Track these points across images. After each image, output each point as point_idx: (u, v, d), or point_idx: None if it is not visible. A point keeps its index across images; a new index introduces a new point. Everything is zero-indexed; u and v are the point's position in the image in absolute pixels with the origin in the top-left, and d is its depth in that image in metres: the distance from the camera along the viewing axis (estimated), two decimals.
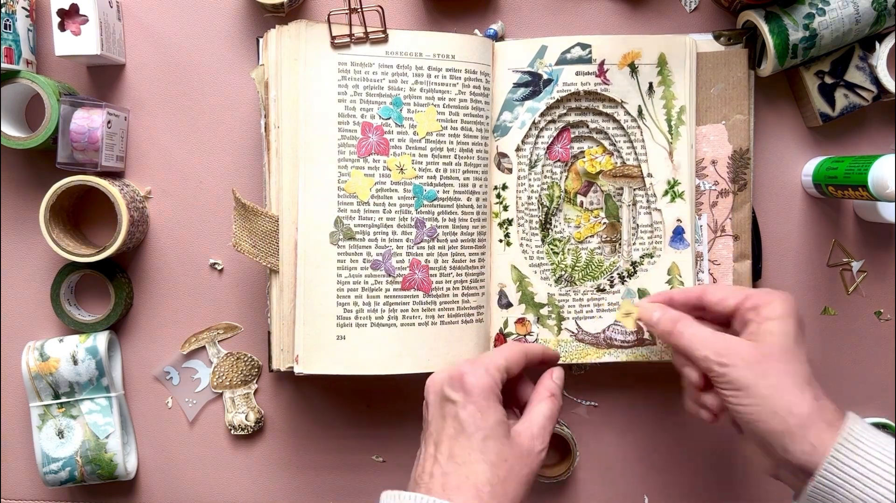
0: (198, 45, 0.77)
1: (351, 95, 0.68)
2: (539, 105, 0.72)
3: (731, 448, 0.78)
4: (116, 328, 0.78)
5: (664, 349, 0.73)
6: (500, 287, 0.73)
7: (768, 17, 0.70)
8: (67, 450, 0.75)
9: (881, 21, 0.70)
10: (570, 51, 0.71)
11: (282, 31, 0.68)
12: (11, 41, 0.71)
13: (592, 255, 0.75)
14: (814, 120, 0.74)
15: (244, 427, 0.77)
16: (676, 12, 0.76)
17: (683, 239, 0.74)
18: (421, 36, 0.69)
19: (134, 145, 0.77)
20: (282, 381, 0.78)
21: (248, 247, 0.69)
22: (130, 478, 0.77)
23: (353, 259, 0.68)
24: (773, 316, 0.60)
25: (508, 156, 0.73)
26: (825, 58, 0.73)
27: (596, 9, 0.76)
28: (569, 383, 0.78)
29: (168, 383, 0.78)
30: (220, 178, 0.77)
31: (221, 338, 0.78)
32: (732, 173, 0.74)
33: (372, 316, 0.69)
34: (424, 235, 0.70)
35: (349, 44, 0.68)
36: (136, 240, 0.76)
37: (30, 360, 0.74)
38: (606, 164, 0.74)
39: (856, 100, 0.73)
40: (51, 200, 0.72)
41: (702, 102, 0.73)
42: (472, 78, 0.70)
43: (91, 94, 0.77)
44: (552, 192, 0.74)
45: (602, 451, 0.78)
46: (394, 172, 0.69)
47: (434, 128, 0.69)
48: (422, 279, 0.69)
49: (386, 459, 0.79)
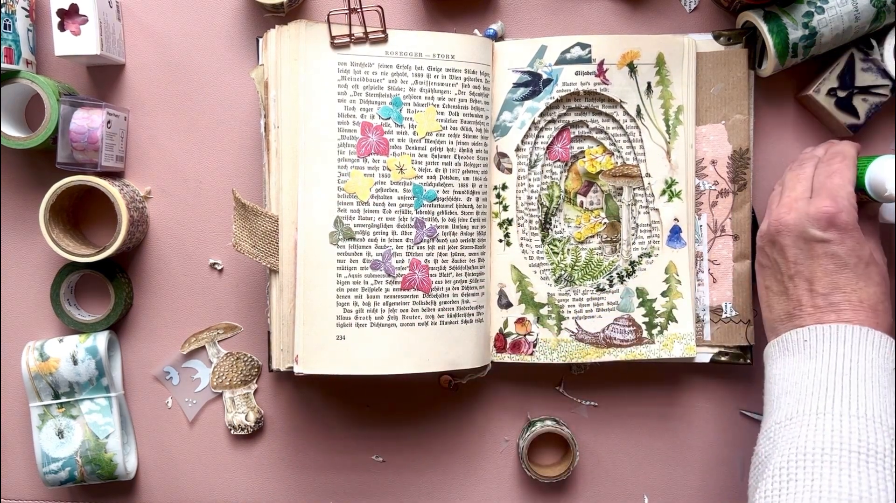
0: (198, 45, 0.77)
1: (351, 95, 0.68)
2: (539, 105, 0.72)
3: (730, 448, 0.78)
4: (116, 328, 0.78)
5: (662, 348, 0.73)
6: (499, 287, 0.73)
7: (767, 17, 0.70)
8: (67, 450, 0.75)
9: (881, 18, 0.70)
10: (569, 51, 0.71)
11: (281, 31, 0.68)
12: (11, 41, 0.71)
13: (592, 255, 0.75)
14: (843, 132, 0.75)
15: (244, 427, 0.77)
16: (676, 12, 0.76)
17: (680, 238, 0.74)
18: (421, 36, 0.69)
19: (134, 145, 0.77)
20: (282, 381, 0.78)
21: (248, 247, 0.69)
22: (130, 478, 0.77)
23: (353, 259, 0.68)
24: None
25: (508, 156, 0.73)
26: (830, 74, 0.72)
27: (595, 9, 0.76)
28: (569, 383, 0.78)
29: (168, 383, 0.78)
30: (220, 178, 0.77)
31: (221, 338, 0.78)
32: (732, 173, 0.74)
33: (372, 316, 0.69)
34: (424, 235, 0.70)
35: (349, 44, 0.68)
36: (136, 240, 0.76)
37: (30, 360, 0.74)
38: (607, 164, 0.74)
39: (875, 99, 0.73)
40: (51, 200, 0.72)
41: (701, 102, 0.74)
42: (471, 78, 0.70)
43: (91, 94, 0.77)
44: (552, 191, 0.74)
45: (602, 451, 0.78)
46: (393, 172, 0.69)
47: (434, 128, 0.69)
48: (422, 279, 0.69)
49: (386, 459, 0.79)
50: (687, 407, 0.78)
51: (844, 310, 0.61)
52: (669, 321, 0.73)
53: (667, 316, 0.73)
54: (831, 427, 0.56)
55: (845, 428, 0.55)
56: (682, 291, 0.73)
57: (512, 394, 0.78)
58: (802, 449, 0.56)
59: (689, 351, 0.73)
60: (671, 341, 0.73)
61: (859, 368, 0.58)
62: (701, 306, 0.75)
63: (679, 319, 0.73)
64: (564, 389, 0.78)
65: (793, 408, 0.59)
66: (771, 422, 0.60)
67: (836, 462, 0.54)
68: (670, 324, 0.73)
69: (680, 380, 0.78)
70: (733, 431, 0.77)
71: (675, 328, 0.73)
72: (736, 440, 0.78)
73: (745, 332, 0.74)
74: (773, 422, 0.60)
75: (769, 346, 0.65)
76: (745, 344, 0.74)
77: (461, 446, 0.79)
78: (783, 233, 0.64)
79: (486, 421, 0.78)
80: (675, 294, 0.73)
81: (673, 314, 0.73)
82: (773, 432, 0.59)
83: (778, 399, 0.61)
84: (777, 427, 0.59)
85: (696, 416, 0.78)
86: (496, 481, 0.79)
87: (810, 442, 0.56)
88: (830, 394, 0.58)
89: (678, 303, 0.73)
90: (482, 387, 0.78)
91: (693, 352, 0.73)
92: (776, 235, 0.64)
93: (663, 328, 0.73)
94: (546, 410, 0.78)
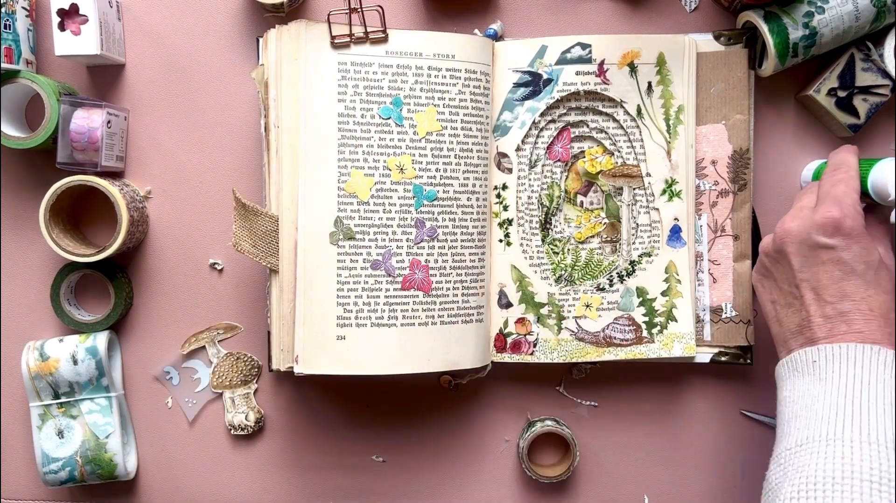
0: (198, 45, 0.77)
1: (351, 95, 0.68)
2: (539, 105, 0.72)
3: (731, 448, 0.78)
4: (116, 328, 0.78)
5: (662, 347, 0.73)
6: (499, 287, 0.73)
7: (767, 17, 0.70)
8: (67, 450, 0.75)
9: (881, 18, 0.70)
10: (570, 50, 0.71)
11: (282, 31, 0.68)
12: (11, 41, 0.71)
13: (592, 255, 0.75)
14: (843, 132, 0.74)
15: (244, 427, 0.77)
16: (676, 12, 0.76)
17: (680, 237, 0.74)
18: (421, 36, 0.69)
19: (134, 145, 0.77)
20: (282, 381, 0.78)
21: (249, 247, 0.69)
22: (130, 478, 0.77)
23: (354, 259, 0.68)
24: None
25: (508, 155, 0.73)
26: (830, 74, 0.72)
27: (595, 9, 0.76)
28: (569, 383, 0.78)
29: (168, 383, 0.78)
30: (220, 178, 0.77)
31: (221, 338, 0.78)
32: (732, 173, 0.74)
33: (372, 316, 0.69)
34: (424, 235, 0.70)
35: (349, 44, 0.68)
36: (136, 240, 0.76)
37: (30, 360, 0.74)
38: (607, 164, 0.74)
39: (876, 99, 0.73)
40: (51, 200, 0.72)
41: (702, 102, 0.74)
42: (472, 78, 0.70)
43: (91, 94, 0.77)
44: (552, 191, 0.74)
45: (602, 451, 0.78)
46: (394, 172, 0.69)
47: (434, 128, 0.69)
48: (422, 279, 0.69)
49: (386, 459, 0.79)
50: (687, 407, 0.78)
51: (855, 320, 0.59)
52: (669, 320, 0.74)
53: (667, 315, 0.74)
54: (842, 454, 0.54)
55: (856, 455, 0.54)
56: (681, 291, 0.73)
57: (512, 394, 0.78)
58: (813, 478, 0.54)
59: (688, 350, 0.73)
60: (671, 341, 0.73)
61: (870, 390, 0.57)
62: (701, 306, 0.75)
63: (679, 319, 0.73)
64: (564, 389, 0.78)
65: (803, 433, 0.57)
66: (781, 449, 0.59)
67: (848, 491, 0.53)
68: (670, 323, 0.73)
69: (680, 380, 0.78)
70: (733, 431, 0.77)
71: (675, 327, 0.73)
72: (736, 440, 0.78)
73: (745, 332, 0.74)
74: (783, 449, 0.58)
75: (779, 366, 0.63)
76: (745, 344, 0.74)
77: (461, 446, 0.79)
78: (787, 241, 0.62)
79: (486, 421, 0.78)
80: (675, 293, 0.73)
81: (673, 313, 0.73)
82: (784, 459, 0.58)
83: (788, 423, 0.59)
84: (787, 453, 0.58)
85: (696, 416, 0.78)
86: (496, 481, 0.79)
87: (820, 470, 0.54)
88: (840, 418, 0.56)
89: (678, 303, 0.73)
90: (482, 387, 0.78)
91: (693, 351, 0.73)
92: (781, 244, 0.63)
93: (663, 327, 0.73)
94: (546, 410, 0.78)
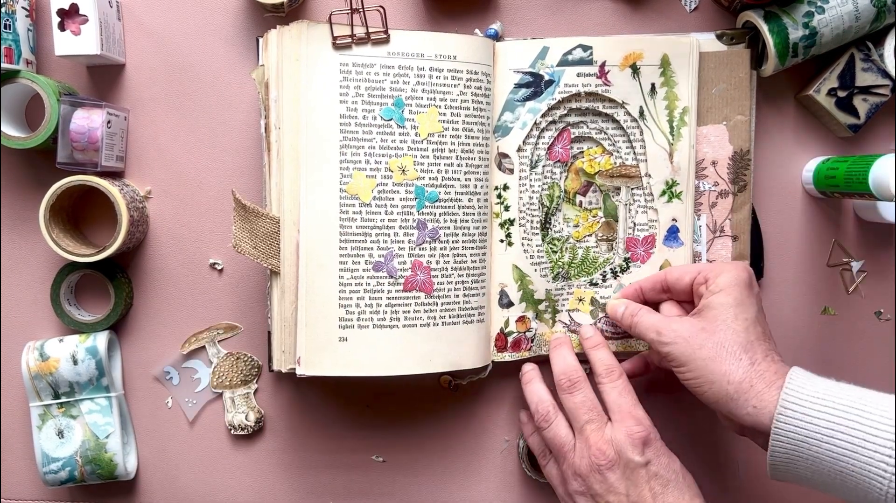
0: (198, 45, 0.77)
1: (352, 96, 0.68)
2: (540, 106, 0.72)
3: (731, 448, 0.78)
4: (116, 328, 0.78)
5: None
6: (500, 287, 0.73)
7: (767, 17, 0.70)
8: (67, 450, 0.75)
9: (881, 18, 0.70)
10: (571, 52, 0.71)
11: (283, 32, 0.68)
12: (11, 41, 0.71)
13: (588, 253, 0.75)
14: (843, 132, 0.75)
15: (244, 427, 0.77)
16: (676, 12, 0.76)
17: (678, 238, 0.74)
18: (423, 36, 0.69)
19: (134, 145, 0.77)
20: (282, 381, 0.78)
21: (249, 248, 0.69)
22: (130, 478, 0.77)
23: (356, 261, 0.68)
24: (717, 289, 0.63)
25: (510, 156, 0.73)
26: (830, 74, 0.73)
27: (595, 9, 0.76)
28: None
29: (168, 383, 0.78)
30: (220, 178, 0.77)
31: (221, 338, 0.78)
32: (732, 174, 0.74)
33: (374, 317, 0.69)
34: (426, 237, 0.70)
35: (351, 44, 0.68)
36: (136, 240, 0.76)
37: (30, 360, 0.74)
38: (605, 164, 0.74)
39: (876, 99, 0.73)
40: (51, 200, 0.71)
41: (703, 103, 0.74)
42: (473, 78, 0.70)
43: (91, 94, 0.77)
44: (552, 192, 0.74)
45: None
46: (395, 174, 0.69)
47: (435, 129, 0.69)
48: (424, 280, 0.69)
49: (386, 459, 0.79)
50: (687, 407, 0.78)
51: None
52: None
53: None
54: None
55: None
56: None
57: (512, 394, 0.78)
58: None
59: None
60: None
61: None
62: None
63: None
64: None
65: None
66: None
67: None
68: None
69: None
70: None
71: None
72: (736, 440, 0.78)
73: None
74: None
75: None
76: None
77: (461, 446, 0.79)
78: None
79: (486, 421, 0.79)
80: None
81: None
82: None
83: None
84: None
85: (696, 417, 0.78)
86: (496, 481, 0.79)
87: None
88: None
89: None
90: (482, 387, 0.78)
91: None
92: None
93: None
94: None
